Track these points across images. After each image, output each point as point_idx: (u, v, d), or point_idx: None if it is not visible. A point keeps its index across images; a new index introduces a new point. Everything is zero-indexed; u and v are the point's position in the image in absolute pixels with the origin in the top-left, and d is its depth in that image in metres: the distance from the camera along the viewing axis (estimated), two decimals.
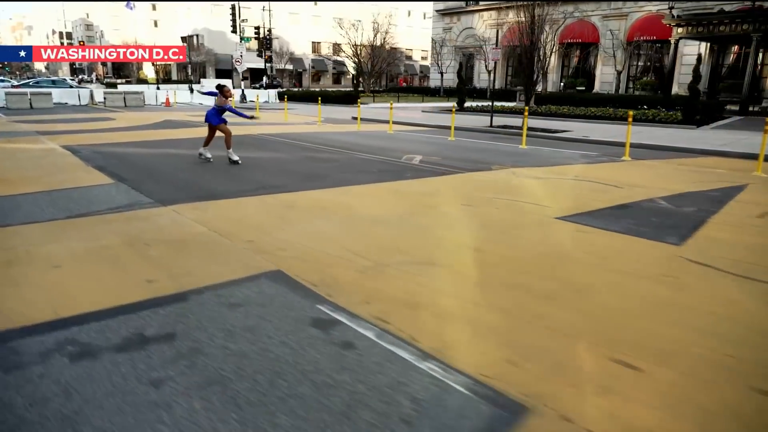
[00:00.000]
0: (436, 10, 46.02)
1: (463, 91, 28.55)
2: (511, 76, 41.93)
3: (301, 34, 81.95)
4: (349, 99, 34.72)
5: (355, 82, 36.22)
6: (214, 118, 10.30)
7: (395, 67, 71.29)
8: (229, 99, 10.44)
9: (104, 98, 30.02)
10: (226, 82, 42.65)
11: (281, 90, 41.74)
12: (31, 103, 26.68)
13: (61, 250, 4.99)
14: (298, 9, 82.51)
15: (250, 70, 76.83)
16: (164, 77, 77.64)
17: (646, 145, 14.48)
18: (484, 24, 42.32)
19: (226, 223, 5.93)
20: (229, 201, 7.06)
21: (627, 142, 12.08)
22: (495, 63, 22.92)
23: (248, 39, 38.18)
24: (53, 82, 34.54)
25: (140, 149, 12.27)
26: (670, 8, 24.42)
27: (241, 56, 36.04)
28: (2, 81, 44.73)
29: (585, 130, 18.51)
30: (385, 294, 4.00)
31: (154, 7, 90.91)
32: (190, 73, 62.82)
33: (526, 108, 15.83)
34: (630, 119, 12.31)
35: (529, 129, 18.43)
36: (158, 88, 43.65)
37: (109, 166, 9.77)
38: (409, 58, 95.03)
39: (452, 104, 32.68)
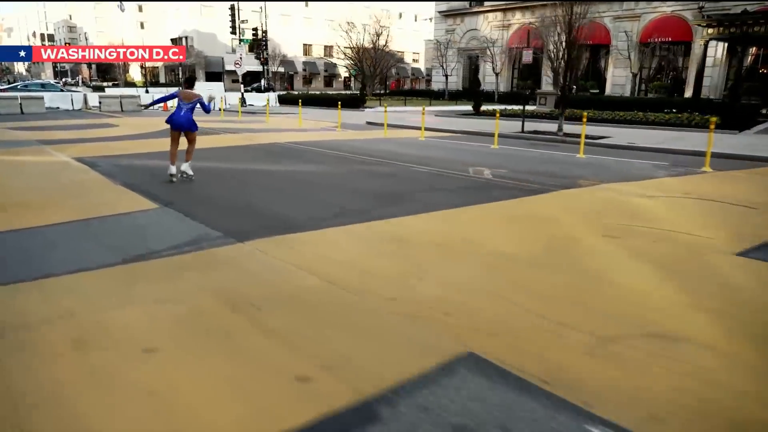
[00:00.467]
0: (439, 12, 44.89)
1: (479, 95, 27.43)
2: (517, 78, 40.96)
3: (293, 36, 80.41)
4: (354, 102, 33.36)
5: (361, 85, 34.89)
6: (194, 124, 8.87)
7: (396, 69, 70.01)
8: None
9: (99, 102, 28.32)
10: (215, 85, 41.08)
11: (281, 93, 40.22)
12: (21, 108, 24.92)
13: (142, 318, 3.62)
14: (290, 11, 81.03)
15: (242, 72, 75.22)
16: (152, 80, 75.56)
17: (703, 153, 13.33)
18: (489, 25, 41.29)
19: (338, 269, 4.59)
20: (317, 234, 5.71)
21: (708, 152, 10.97)
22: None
23: (248, 40, 36.64)
24: (43, 85, 32.61)
25: (164, 162, 10.81)
26: (700, 8, 23.56)
27: (241, 58, 34.51)
28: None
29: (626, 136, 17.45)
30: (666, 400, 2.72)
31: (140, 9, 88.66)
32: (180, 76, 60.93)
33: (585, 114, 14.61)
34: (712, 126, 11.18)
35: (565, 135, 17.37)
36: (147, 92, 41.87)
37: (140, 183, 8.36)
38: (401, 60, 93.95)
39: (464, 108, 31.51)
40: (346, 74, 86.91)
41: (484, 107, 28.40)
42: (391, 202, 7.30)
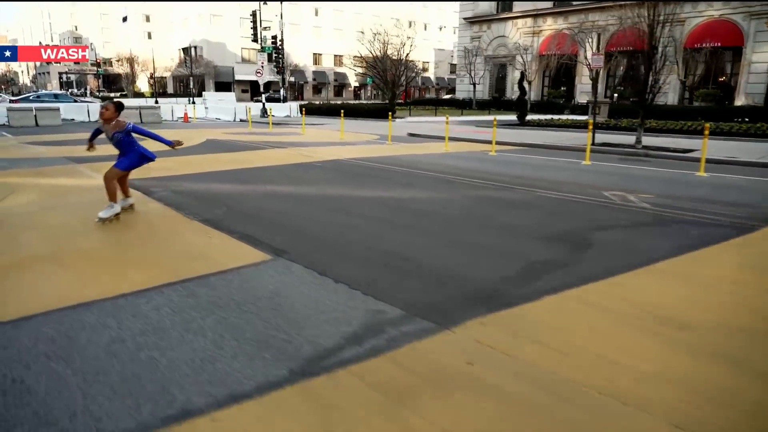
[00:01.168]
0: (464, 18, 43.25)
1: (524, 104, 25.66)
2: (548, 87, 39.25)
3: (302, 46, 79.01)
4: (384, 113, 31.62)
5: (390, 94, 33.17)
6: (121, 161, 6.48)
7: (407, 78, 68.35)
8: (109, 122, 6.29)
9: None
10: (226, 95, 39.60)
11: (302, 103, 38.49)
12: (36, 120, 23.18)
13: None
14: (299, 20, 79.78)
15: (251, 83, 73.62)
16: (160, 90, 74.04)
17: None
18: (518, 32, 39.64)
19: (682, 398, 2.73)
20: (543, 308, 3.86)
21: None
22: (596, 71, 20.16)
23: (270, 48, 34.94)
24: (56, 96, 30.91)
25: (229, 186, 9.00)
26: None
27: (263, 66, 32.81)
28: None
29: (713, 149, 15.64)
30: None
31: (147, 19, 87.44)
32: (192, 86, 59.41)
33: (707, 125, 12.73)
34: None
35: (645, 148, 15.61)
36: (156, 102, 40.25)
37: (222, 219, 6.52)
38: (424, 69, 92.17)
39: (500, 117, 29.69)
40: (356, 84, 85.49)
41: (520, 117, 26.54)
42: (574, 247, 5.45)
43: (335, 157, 13.12)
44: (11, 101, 29.63)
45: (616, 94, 32.97)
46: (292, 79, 75.59)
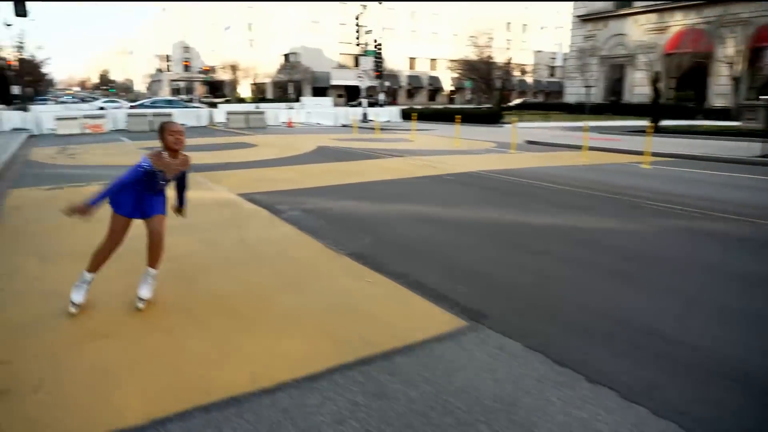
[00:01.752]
0: (577, 16, 40.24)
1: (659, 109, 22.76)
2: (674, 89, 35.36)
3: (397, 50, 78.50)
4: (492, 118, 29.81)
5: (499, 98, 31.30)
6: (159, 202, 4.08)
7: (502, 81, 65.71)
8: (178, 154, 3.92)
9: (227, 119, 26.87)
10: (323, 100, 39.12)
11: (404, 108, 37.39)
12: (151, 125, 23.75)
13: None
14: (394, 24, 79.44)
15: (346, 87, 74.13)
16: (259, 96, 76.43)
17: None
18: (640, 29, 36.10)
19: None
20: None
21: None
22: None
23: (373, 52, 34.07)
24: (169, 101, 32.10)
25: (363, 204, 7.75)
26: None
27: (364, 71, 32.09)
28: (114, 102, 43.67)
29: None
30: None
31: (249, 27, 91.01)
32: (291, 92, 60.56)
33: None
34: None
35: None
36: (257, 107, 40.83)
37: (374, 253, 5.21)
38: (507, 72, 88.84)
39: (619, 123, 26.85)
40: (452, 87, 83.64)
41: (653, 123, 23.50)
42: None
43: (464, 168, 11.61)
44: (131, 107, 31.09)
45: (764, 97, 28.80)
46: (388, 83, 75.24)
